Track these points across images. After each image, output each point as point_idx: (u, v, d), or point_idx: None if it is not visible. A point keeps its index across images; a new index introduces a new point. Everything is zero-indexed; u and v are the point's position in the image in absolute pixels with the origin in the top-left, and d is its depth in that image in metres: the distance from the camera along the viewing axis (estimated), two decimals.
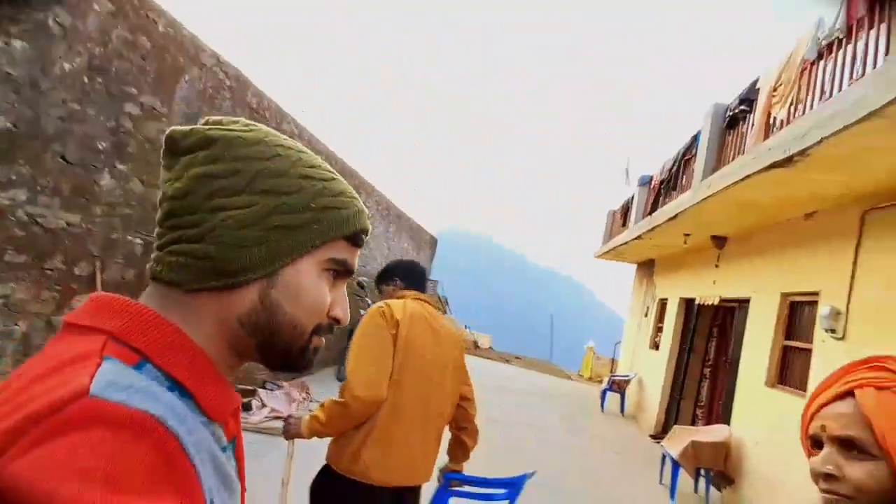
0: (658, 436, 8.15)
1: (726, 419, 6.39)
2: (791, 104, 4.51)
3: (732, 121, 5.84)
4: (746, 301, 6.47)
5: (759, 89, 5.15)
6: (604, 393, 10.56)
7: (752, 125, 5.13)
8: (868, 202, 4.40)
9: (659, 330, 10.26)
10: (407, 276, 2.24)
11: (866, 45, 3.63)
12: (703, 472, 5.85)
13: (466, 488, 2.55)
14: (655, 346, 10.18)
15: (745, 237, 6.77)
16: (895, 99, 2.86)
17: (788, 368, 5.47)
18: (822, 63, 4.24)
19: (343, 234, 0.61)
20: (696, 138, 6.88)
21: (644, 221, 8.82)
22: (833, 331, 4.50)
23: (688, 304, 8.90)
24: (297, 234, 0.57)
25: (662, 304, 10.37)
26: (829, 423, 0.77)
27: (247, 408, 5.57)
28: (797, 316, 5.50)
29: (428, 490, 2.26)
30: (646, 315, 11.26)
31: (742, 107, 5.54)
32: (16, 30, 3.13)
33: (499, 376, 12.34)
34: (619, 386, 10.64)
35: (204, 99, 5.27)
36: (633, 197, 10.68)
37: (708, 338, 8.64)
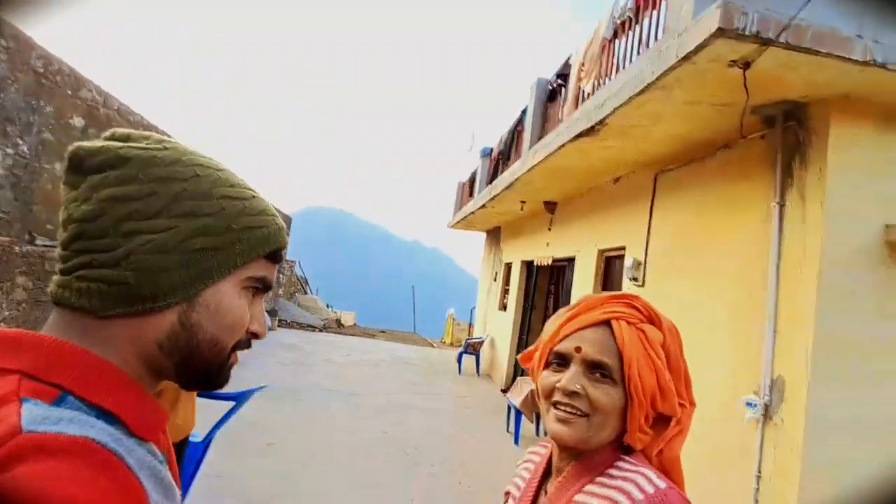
0: (508, 388, 8.80)
1: None
2: (595, 78, 4.99)
3: (552, 94, 6.32)
4: (573, 259, 7.16)
5: (571, 65, 5.61)
6: (460, 356, 11.10)
7: (567, 98, 5.60)
8: (658, 166, 5.07)
9: (506, 292, 10.99)
10: None
11: (650, 23, 4.10)
12: (540, 414, 6.45)
13: None
14: (504, 308, 10.90)
15: (569, 202, 7.45)
16: (667, 71, 3.26)
17: None
18: (617, 41, 4.72)
19: (263, 253, 0.61)
20: (524, 111, 7.35)
21: (486, 191, 9.29)
22: (635, 279, 5.17)
23: (528, 265, 9.63)
24: (219, 256, 0.57)
25: (508, 267, 11.09)
26: (586, 347, 0.83)
27: None
28: (610, 268, 6.23)
29: None
30: (495, 279, 11.98)
31: (559, 81, 6.01)
32: None
33: (359, 351, 12.36)
34: (473, 348, 11.26)
35: None
36: (477, 168, 11.17)
37: (546, 295, 9.45)
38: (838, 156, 3.22)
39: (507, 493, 1.00)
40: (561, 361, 0.86)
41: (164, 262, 0.54)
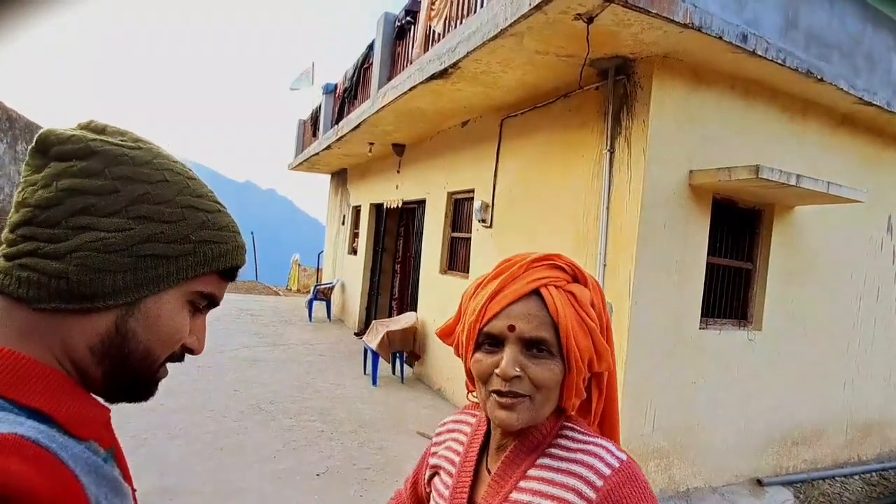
0: (361, 332, 8.88)
1: (414, 306, 7.32)
2: (446, 19, 4.93)
3: (401, 31, 6.12)
4: (423, 202, 7.28)
5: (420, 1, 5.46)
6: (310, 303, 10.83)
7: (417, 37, 5.47)
8: (505, 111, 5.27)
9: (355, 235, 10.86)
10: None
11: None
12: (397, 354, 6.66)
13: None
14: (354, 251, 10.80)
15: (418, 144, 7.47)
16: (520, 19, 3.33)
17: (455, 256, 6.49)
18: None
19: (217, 269, 0.60)
20: (371, 46, 7.04)
21: (331, 131, 8.88)
22: (484, 220, 5.44)
23: (378, 208, 9.58)
24: (170, 265, 0.56)
25: (357, 210, 10.92)
26: (519, 324, 0.75)
27: None
28: (460, 211, 6.47)
29: None
30: (343, 223, 11.74)
31: (408, 18, 5.83)
32: None
33: None
34: (324, 294, 11.05)
35: None
36: (321, 106, 10.57)
37: (396, 237, 9.56)
38: (658, 109, 3.65)
39: (436, 467, 0.93)
40: (493, 342, 0.78)
41: (110, 263, 0.53)
